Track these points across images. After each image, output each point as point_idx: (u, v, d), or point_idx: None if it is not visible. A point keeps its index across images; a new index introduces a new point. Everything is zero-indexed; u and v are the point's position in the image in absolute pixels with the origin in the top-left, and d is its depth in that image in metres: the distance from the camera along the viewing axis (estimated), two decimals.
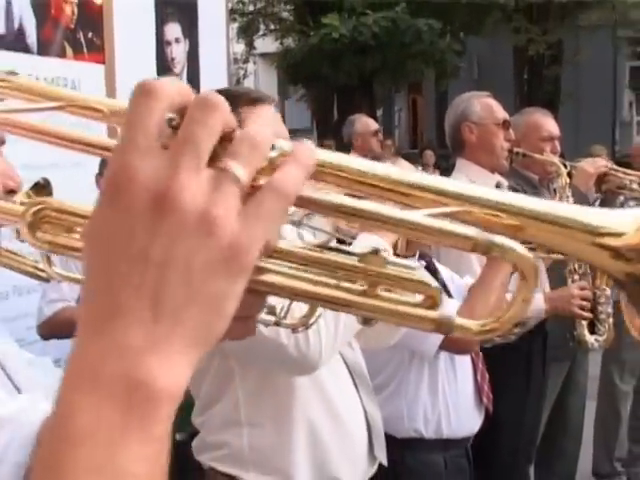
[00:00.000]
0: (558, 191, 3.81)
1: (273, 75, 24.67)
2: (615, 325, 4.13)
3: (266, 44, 21.23)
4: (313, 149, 0.69)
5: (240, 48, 20.20)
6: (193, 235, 0.60)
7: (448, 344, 3.00)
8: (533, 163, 4.25)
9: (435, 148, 15.52)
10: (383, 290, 0.72)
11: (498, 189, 3.70)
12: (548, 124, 4.44)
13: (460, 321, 0.72)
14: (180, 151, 0.61)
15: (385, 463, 2.53)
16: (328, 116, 19.41)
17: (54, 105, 0.76)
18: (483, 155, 3.93)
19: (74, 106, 0.76)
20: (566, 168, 3.95)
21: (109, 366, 0.58)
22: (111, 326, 0.59)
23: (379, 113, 21.48)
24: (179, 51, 4.44)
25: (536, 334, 4.08)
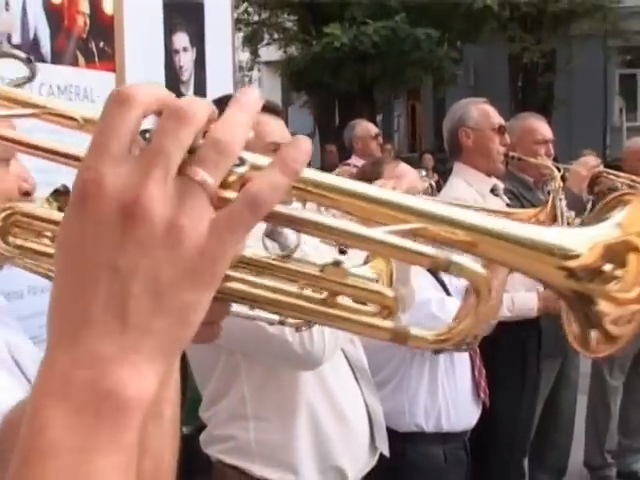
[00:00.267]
0: (552, 193, 3.81)
1: (277, 82, 24.67)
2: None
3: (270, 52, 21.23)
4: (305, 150, 0.64)
5: (245, 56, 20.20)
6: (161, 245, 0.58)
7: None
8: (528, 166, 4.25)
9: (433, 152, 15.53)
10: (343, 300, 0.72)
11: (492, 199, 3.68)
12: (542, 128, 4.45)
13: (415, 331, 0.72)
14: (150, 162, 0.59)
15: (387, 454, 2.54)
16: (330, 122, 19.40)
17: (29, 112, 0.74)
18: (480, 159, 3.93)
19: (49, 114, 0.73)
20: (559, 171, 3.94)
21: (79, 376, 0.57)
22: (80, 336, 0.57)
23: (379, 118, 21.46)
24: (187, 59, 4.43)
25: (531, 332, 4.08)
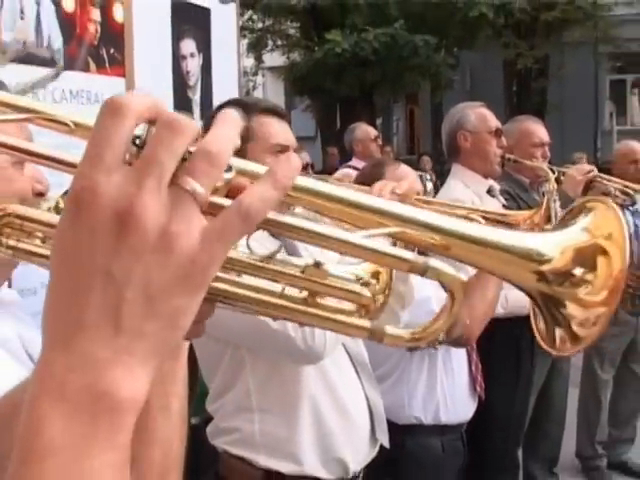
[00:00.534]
0: (546, 195, 3.80)
1: (280, 87, 24.67)
2: None
3: (274, 58, 21.22)
4: (295, 166, 0.64)
5: (250, 62, 20.20)
6: (153, 252, 0.58)
7: (449, 338, 3.00)
8: (524, 168, 4.25)
9: (431, 155, 15.52)
10: (323, 299, 0.72)
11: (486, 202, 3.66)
12: (539, 131, 4.45)
13: (391, 330, 0.73)
14: (144, 171, 0.58)
15: (387, 445, 2.54)
16: (331, 125, 19.39)
17: (22, 117, 0.74)
18: (477, 161, 3.92)
19: (41, 118, 0.73)
20: (554, 174, 3.95)
21: (75, 378, 0.57)
22: (76, 339, 0.58)
23: (379, 122, 21.45)
24: (194, 65, 4.44)
25: (524, 329, 4.06)
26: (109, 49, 3.61)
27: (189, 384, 1.01)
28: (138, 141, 0.61)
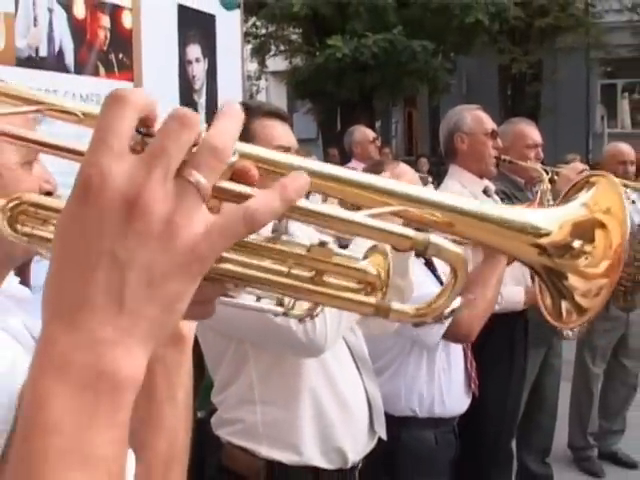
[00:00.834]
0: (540, 193, 3.80)
1: (283, 91, 24.64)
2: None
3: (277, 63, 21.20)
4: (304, 184, 0.64)
5: (253, 67, 20.17)
6: (157, 239, 0.58)
7: (449, 334, 3.00)
8: (519, 168, 4.24)
9: (428, 156, 15.51)
10: (329, 278, 0.71)
11: (487, 194, 3.66)
12: (533, 133, 4.44)
13: (397, 306, 0.71)
14: (153, 161, 0.59)
15: (385, 437, 2.54)
16: (332, 127, 19.35)
17: (33, 109, 0.74)
18: (473, 162, 3.91)
19: (52, 110, 0.73)
20: (548, 174, 3.95)
21: (79, 356, 0.57)
22: (80, 318, 0.58)
23: (378, 125, 21.42)
24: (199, 69, 4.44)
25: (518, 324, 4.08)
26: (118, 54, 3.62)
27: (195, 377, 1.02)
28: (143, 130, 0.62)
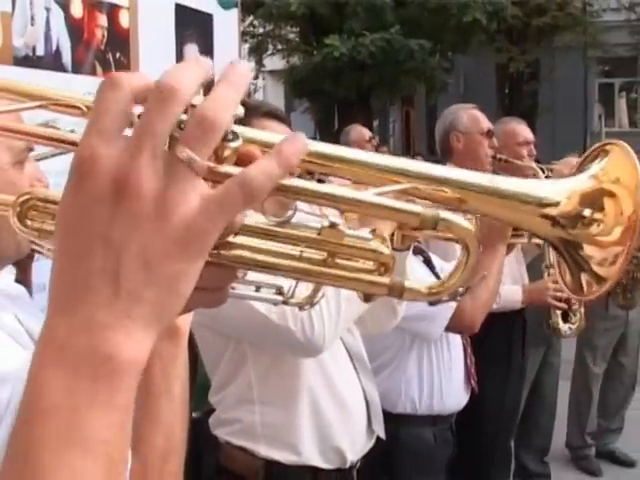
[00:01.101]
0: None
1: (280, 90, 24.63)
2: (586, 315, 4.13)
3: (274, 62, 21.19)
4: (301, 146, 0.63)
5: (251, 66, 20.17)
6: (150, 219, 0.58)
7: (453, 326, 3.01)
8: (515, 167, 4.24)
9: (425, 155, 15.51)
10: (341, 260, 0.70)
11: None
12: (523, 131, 4.45)
13: (410, 284, 0.71)
14: (138, 140, 0.58)
15: (383, 437, 2.54)
16: (330, 126, 19.36)
17: (36, 104, 0.74)
18: (469, 161, 3.91)
19: (55, 104, 0.73)
20: (544, 172, 3.95)
21: (76, 341, 0.57)
22: (77, 304, 0.58)
23: (375, 124, 21.43)
24: None
25: (516, 322, 4.08)
26: (115, 53, 3.62)
27: (189, 376, 1.01)
28: (140, 114, 0.61)
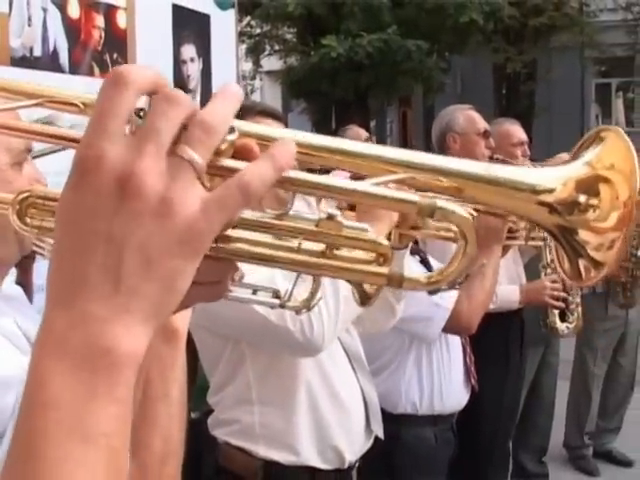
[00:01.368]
0: None
1: (277, 90, 24.63)
2: (583, 314, 4.13)
3: (271, 63, 21.19)
4: (292, 150, 0.64)
5: (248, 66, 20.15)
6: (152, 216, 0.59)
7: (450, 327, 3.01)
8: None
9: None
10: (340, 251, 0.70)
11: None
12: (517, 131, 4.47)
13: (409, 274, 0.71)
14: (144, 139, 0.59)
15: (381, 436, 2.54)
16: (327, 127, 19.33)
17: (33, 102, 0.74)
18: None
19: (52, 102, 0.73)
20: None
21: (77, 334, 0.58)
22: (76, 298, 0.59)
23: (373, 124, 21.44)
24: (194, 69, 4.44)
25: (514, 323, 4.09)
26: (112, 54, 3.62)
27: (188, 378, 1.01)
28: (142, 113, 0.62)
